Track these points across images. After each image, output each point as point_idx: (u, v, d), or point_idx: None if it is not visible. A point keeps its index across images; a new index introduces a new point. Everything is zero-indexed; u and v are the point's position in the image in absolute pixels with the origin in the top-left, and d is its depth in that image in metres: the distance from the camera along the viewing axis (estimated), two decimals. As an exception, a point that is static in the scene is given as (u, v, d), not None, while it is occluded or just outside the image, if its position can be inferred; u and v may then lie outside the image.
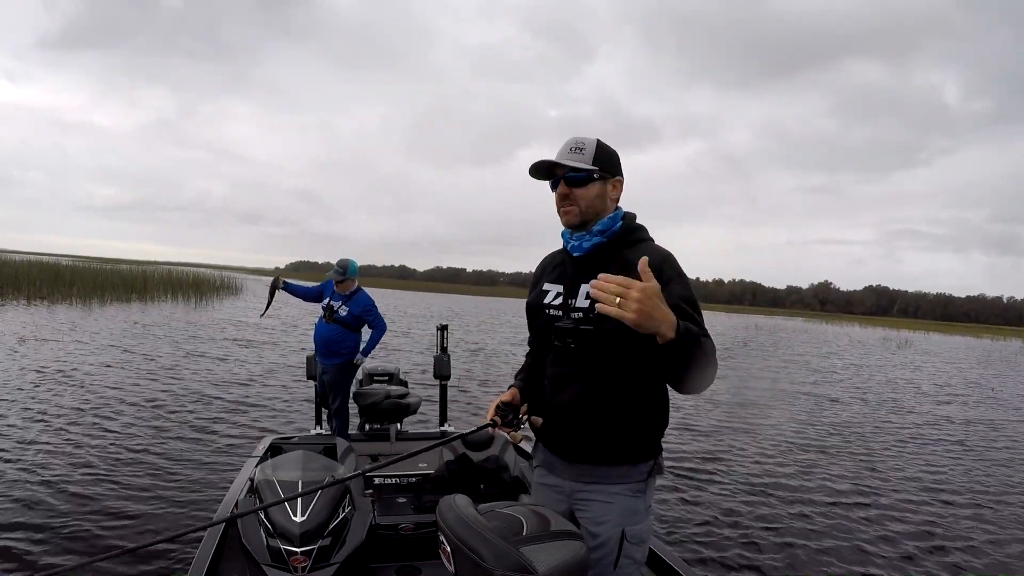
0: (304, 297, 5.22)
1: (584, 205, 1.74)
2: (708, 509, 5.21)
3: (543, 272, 1.91)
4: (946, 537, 5.03)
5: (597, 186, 1.75)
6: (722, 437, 7.84)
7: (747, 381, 13.54)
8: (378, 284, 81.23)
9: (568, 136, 1.79)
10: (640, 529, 1.72)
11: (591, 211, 1.75)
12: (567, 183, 1.75)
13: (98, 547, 3.84)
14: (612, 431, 1.70)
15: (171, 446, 5.92)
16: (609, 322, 1.59)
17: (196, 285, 30.00)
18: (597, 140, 1.77)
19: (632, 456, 1.72)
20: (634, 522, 1.71)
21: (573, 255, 1.79)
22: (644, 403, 1.71)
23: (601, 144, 1.77)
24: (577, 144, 1.76)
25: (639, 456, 1.72)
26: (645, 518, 1.74)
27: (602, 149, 1.76)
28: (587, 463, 1.74)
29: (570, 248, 1.80)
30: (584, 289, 1.70)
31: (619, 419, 1.69)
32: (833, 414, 10.35)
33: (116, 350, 11.70)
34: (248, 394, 8.66)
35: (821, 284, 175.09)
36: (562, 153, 1.76)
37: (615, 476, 1.72)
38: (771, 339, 31.35)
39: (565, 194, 1.75)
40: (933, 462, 7.46)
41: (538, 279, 1.91)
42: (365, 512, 2.85)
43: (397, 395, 4.67)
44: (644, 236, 1.79)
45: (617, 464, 1.72)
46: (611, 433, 1.70)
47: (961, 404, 12.61)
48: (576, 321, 1.71)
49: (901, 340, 38.91)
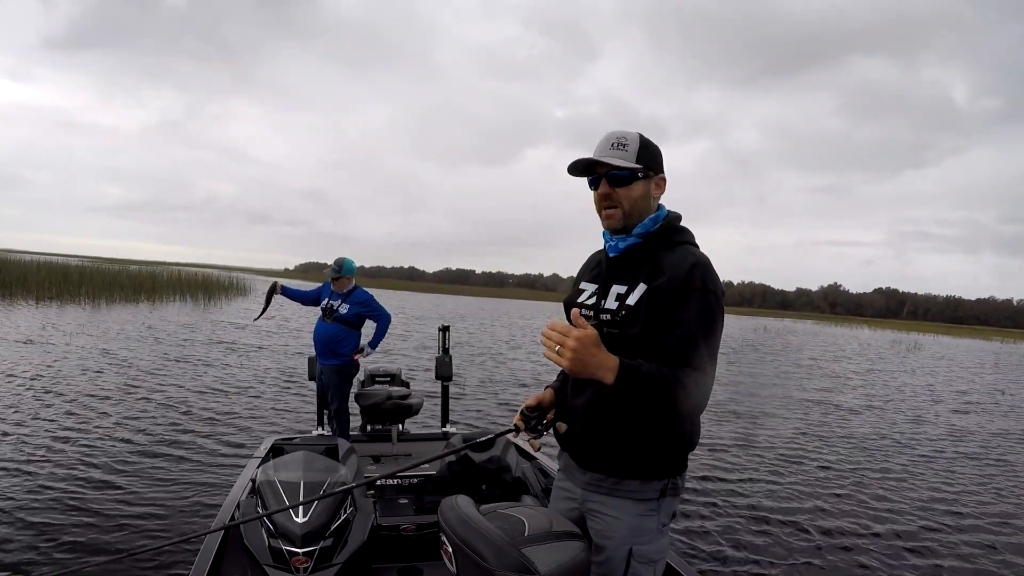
0: (303, 301, 5.21)
1: (628, 206, 1.65)
2: (725, 524, 5.10)
3: (584, 271, 1.86)
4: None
5: (641, 185, 1.65)
6: (734, 449, 7.80)
7: (757, 389, 13.44)
8: (387, 285, 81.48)
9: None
10: (650, 549, 1.62)
11: (635, 212, 1.66)
12: (610, 182, 1.64)
13: (99, 547, 3.83)
14: (621, 443, 1.61)
15: (173, 446, 5.93)
16: (634, 327, 1.58)
17: (205, 286, 30.14)
18: (639, 135, 1.66)
19: (642, 472, 1.62)
20: (643, 541, 1.62)
21: (609, 255, 1.73)
22: (660, 418, 1.58)
23: (644, 139, 1.67)
24: (619, 139, 1.64)
25: (651, 473, 1.62)
26: (657, 538, 1.64)
27: (645, 145, 1.65)
28: (598, 472, 1.67)
29: (608, 248, 1.73)
30: (615, 291, 1.65)
31: (630, 431, 1.60)
32: (847, 425, 10.21)
33: (119, 350, 11.76)
34: (250, 395, 8.68)
35: (830, 286, 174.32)
36: (602, 149, 1.65)
37: (624, 490, 1.63)
38: (780, 342, 31.21)
39: (607, 194, 1.65)
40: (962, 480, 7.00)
41: (579, 278, 1.86)
42: (367, 513, 2.84)
43: (399, 396, 4.66)
44: (684, 238, 1.68)
45: (627, 478, 1.63)
46: (620, 445, 1.61)
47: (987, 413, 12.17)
48: (601, 323, 1.64)
49: (911, 343, 38.67)
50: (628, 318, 1.58)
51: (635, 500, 1.63)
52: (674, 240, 1.66)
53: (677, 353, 1.51)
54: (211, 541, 2.65)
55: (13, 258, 27.84)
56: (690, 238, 1.69)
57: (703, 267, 1.57)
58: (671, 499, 1.66)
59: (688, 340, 1.51)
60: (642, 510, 1.63)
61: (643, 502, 1.63)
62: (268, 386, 9.38)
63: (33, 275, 23.21)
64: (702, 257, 1.60)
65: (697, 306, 1.53)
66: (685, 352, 1.51)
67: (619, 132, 1.66)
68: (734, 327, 43.89)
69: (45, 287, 22.34)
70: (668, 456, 1.63)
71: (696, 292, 1.53)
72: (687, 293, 1.53)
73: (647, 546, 1.62)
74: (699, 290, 1.54)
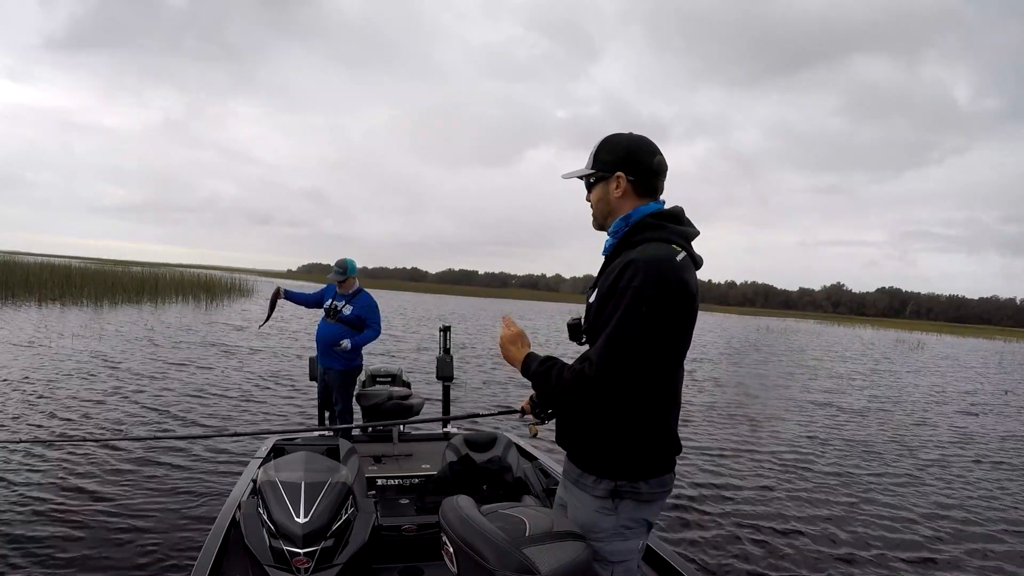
0: (306, 304, 5.20)
1: (596, 209, 1.77)
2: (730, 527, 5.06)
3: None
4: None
5: (598, 189, 1.75)
6: (737, 451, 7.78)
7: (760, 390, 13.41)
8: (390, 287, 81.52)
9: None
10: (605, 548, 1.64)
11: (600, 214, 1.77)
12: (587, 189, 1.81)
13: (99, 547, 3.83)
14: (582, 436, 1.69)
15: (174, 446, 5.92)
16: (591, 327, 1.69)
17: (207, 287, 30.18)
18: (605, 138, 1.76)
19: (595, 468, 1.65)
20: (597, 538, 1.64)
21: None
22: (610, 417, 1.61)
23: (604, 141, 1.75)
24: (593, 149, 1.78)
25: (598, 470, 1.65)
26: (614, 539, 1.64)
27: (602, 147, 1.74)
28: (570, 460, 1.75)
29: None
30: (594, 291, 1.72)
31: (585, 424, 1.67)
32: (853, 427, 10.15)
33: (121, 351, 11.76)
34: (251, 395, 8.68)
35: (833, 286, 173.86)
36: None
37: (583, 483, 1.68)
38: (783, 342, 31.15)
39: (589, 200, 1.81)
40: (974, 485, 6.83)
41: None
42: (368, 513, 2.83)
43: (400, 396, 4.66)
44: (648, 236, 1.64)
45: (586, 472, 1.67)
46: (581, 438, 1.70)
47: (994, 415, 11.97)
48: (577, 320, 1.78)
49: (914, 342, 38.58)
50: (588, 317, 1.72)
51: (591, 495, 1.66)
52: (636, 239, 1.66)
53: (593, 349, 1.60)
54: (212, 541, 2.64)
55: (15, 259, 27.90)
56: (653, 235, 1.64)
57: (636, 264, 1.54)
58: (632, 503, 1.64)
59: (602, 338, 1.56)
60: (597, 506, 1.65)
61: (598, 499, 1.65)
62: (269, 386, 9.38)
63: (35, 276, 23.26)
64: (644, 254, 1.57)
65: (617, 305, 1.55)
66: (595, 349, 1.57)
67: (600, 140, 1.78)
68: (737, 327, 43.90)
69: (48, 288, 22.38)
70: (617, 457, 1.63)
71: (621, 291, 1.55)
72: (614, 292, 1.57)
73: (602, 543, 1.64)
74: (623, 288, 1.55)
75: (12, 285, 21.87)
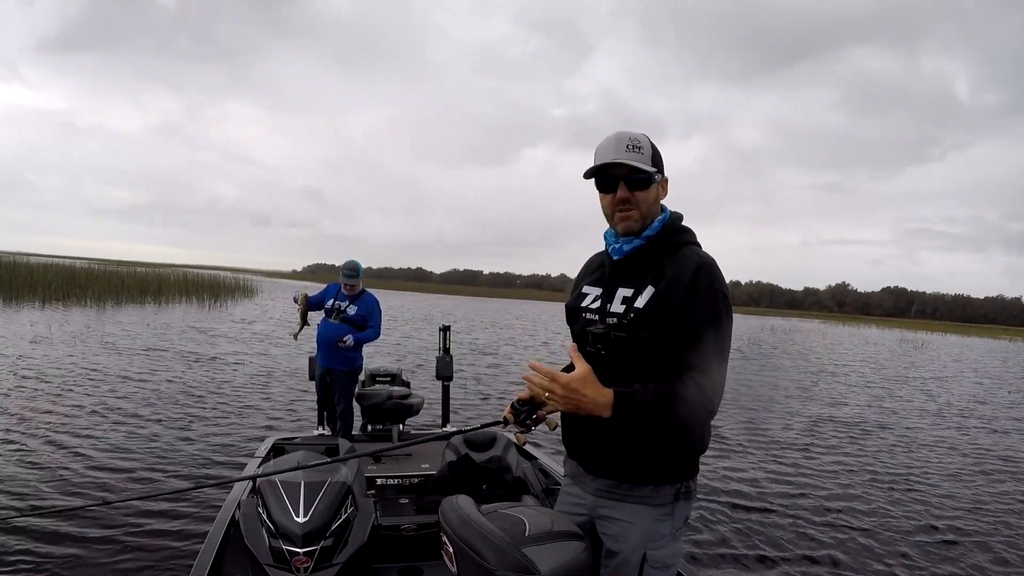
0: (319, 307, 5.19)
1: (645, 209, 1.63)
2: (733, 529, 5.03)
3: (585, 274, 1.84)
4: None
5: (655, 189, 1.65)
6: (740, 452, 7.75)
7: (767, 390, 13.34)
8: (395, 287, 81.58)
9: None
10: (664, 554, 1.61)
11: (650, 216, 1.65)
12: (628, 185, 1.61)
13: (100, 547, 3.82)
14: (633, 449, 1.59)
15: (174, 446, 5.93)
16: (644, 330, 1.57)
17: (211, 288, 30.25)
18: (644, 137, 1.64)
19: (655, 477, 1.60)
20: (657, 546, 1.60)
21: (613, 258, 1.70)
22: (666, 432, 1.57)
23: (649, 141, 1.66)
24: (633, 141, 1.61)
25: (663, 478, 1.60)
26: (671, 543, 1.62)
27: (654, 147, 1.65)
28: (609, 479, 1.65)
29: (611, 250, 1.71)
30: (620, 294, 1.64)
31: (641, 438, 1.57)
32: (859, 428, 10.10)
33: (122, 351, 11.78)
34: (251, 395, 8.68)
35: (838, 285, 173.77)
36: (616, 150, 1.60)
37: (638, 495, 1.61)
38: (788, 341, 31.08)
39: (626, 198, 1.61)
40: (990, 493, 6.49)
41: (579, 281, 1.83)
42: (367, 513, 2.81)
43: (400, 396, 4.65)
44: (687, 239, 1.66)
45: (640, 483, 1.61)
46: (632, 451, 1.59)
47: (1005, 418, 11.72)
48: (609, 327, 1.61)
49: (918, 342, 38.47)
50: (637, 321, 1.57)
51: (649, 505, 1.61)
52: (677, 241, 1.65)
53: (683, 357, 1.50)
54: (211, 540, 2.64)
55: (19, 260, 27.99)
56: (693, 238, 1.68)
57: (708, 267, 1.56)
58: (684, 503, 1.65)
59: (695, 343, 1.50)
60: (656, 515, 1.61)
61: (657, 507, 1.61)
62: (269, 386, 9.38)
63: (39, 277, 23.34)
64: (707, 258, 1.59)
65: (703, 307, 1.52)
66: (691, 355, 1.50)
67: (629, 133, 1.63)
68: (741, 327, 43.78)
69: (52, 289, 22.46)
70: (680, 460, 1.62)
71: (702, 293, 1.53)
72: (694, 295, 1.52)
73: (661, 551, 1.61)
74: (705, 291, 1.53)
75: (16, 287, 21.95)
